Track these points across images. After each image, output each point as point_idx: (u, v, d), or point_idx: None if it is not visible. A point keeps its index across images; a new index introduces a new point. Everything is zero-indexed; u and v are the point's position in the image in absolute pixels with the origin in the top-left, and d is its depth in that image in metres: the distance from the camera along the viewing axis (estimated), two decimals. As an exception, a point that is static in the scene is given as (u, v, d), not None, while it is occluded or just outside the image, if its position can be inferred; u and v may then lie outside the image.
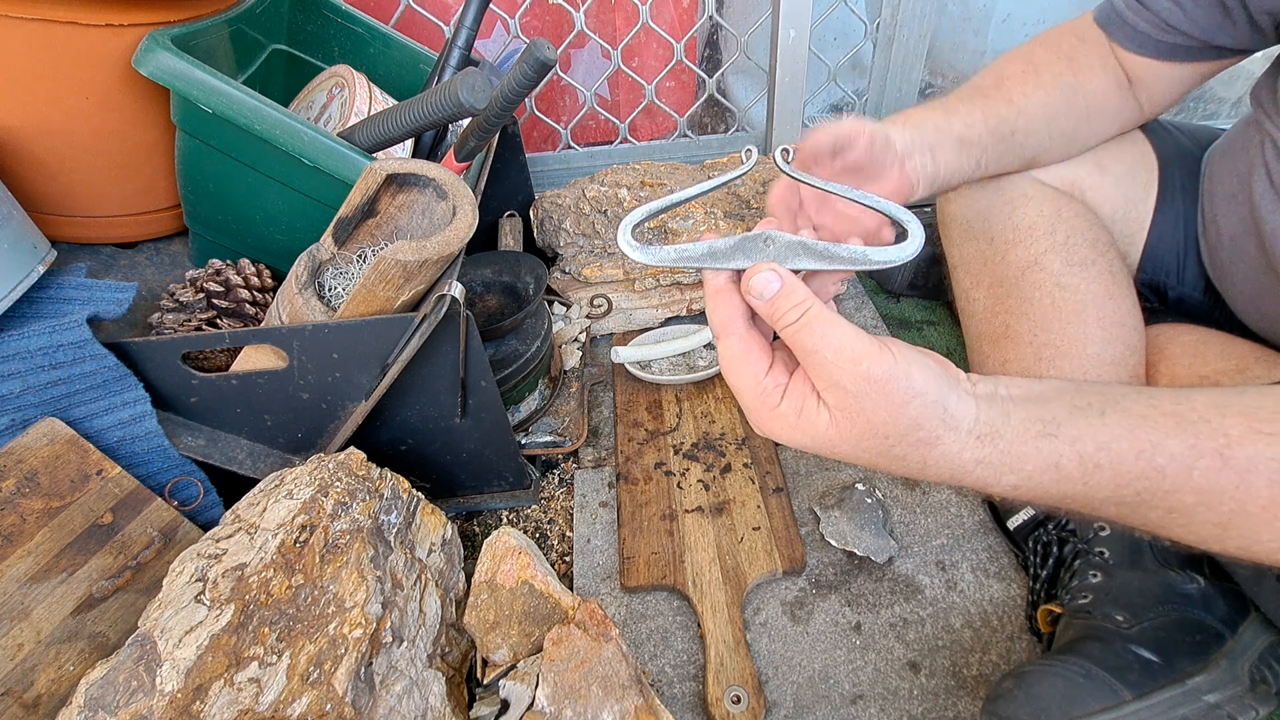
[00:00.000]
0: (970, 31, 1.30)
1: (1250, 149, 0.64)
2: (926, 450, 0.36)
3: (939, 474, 0.37)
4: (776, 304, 0.36)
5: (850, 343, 0.34)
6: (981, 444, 0.36)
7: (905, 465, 0.37)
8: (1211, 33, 0.60)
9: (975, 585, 0.69)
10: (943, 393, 0.35)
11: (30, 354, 0.59)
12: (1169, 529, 0.38)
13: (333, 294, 0.63)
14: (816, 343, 0.34)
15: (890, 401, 0.34)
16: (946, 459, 0.36)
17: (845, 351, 0.34)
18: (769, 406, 0.38)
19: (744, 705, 0.60)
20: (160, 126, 0.70)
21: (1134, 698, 0.51)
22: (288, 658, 0.48)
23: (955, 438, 0.36)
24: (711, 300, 0.39)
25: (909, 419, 0.35)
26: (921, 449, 0.36)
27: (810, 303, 0.35)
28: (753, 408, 0.38)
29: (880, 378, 0.34)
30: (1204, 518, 0.36)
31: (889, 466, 0.37)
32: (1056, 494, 0.37)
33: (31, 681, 0.53)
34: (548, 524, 0.80)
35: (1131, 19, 0.64)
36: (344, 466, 0.60)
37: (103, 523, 0.59)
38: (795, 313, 0.35)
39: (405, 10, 1.08)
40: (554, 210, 1.00)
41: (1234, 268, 0.68)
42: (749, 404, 0.39)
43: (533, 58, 0.62)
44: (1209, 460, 0.35)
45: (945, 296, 1.02)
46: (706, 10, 1.17)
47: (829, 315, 0.35)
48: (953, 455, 0.36)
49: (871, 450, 0.36)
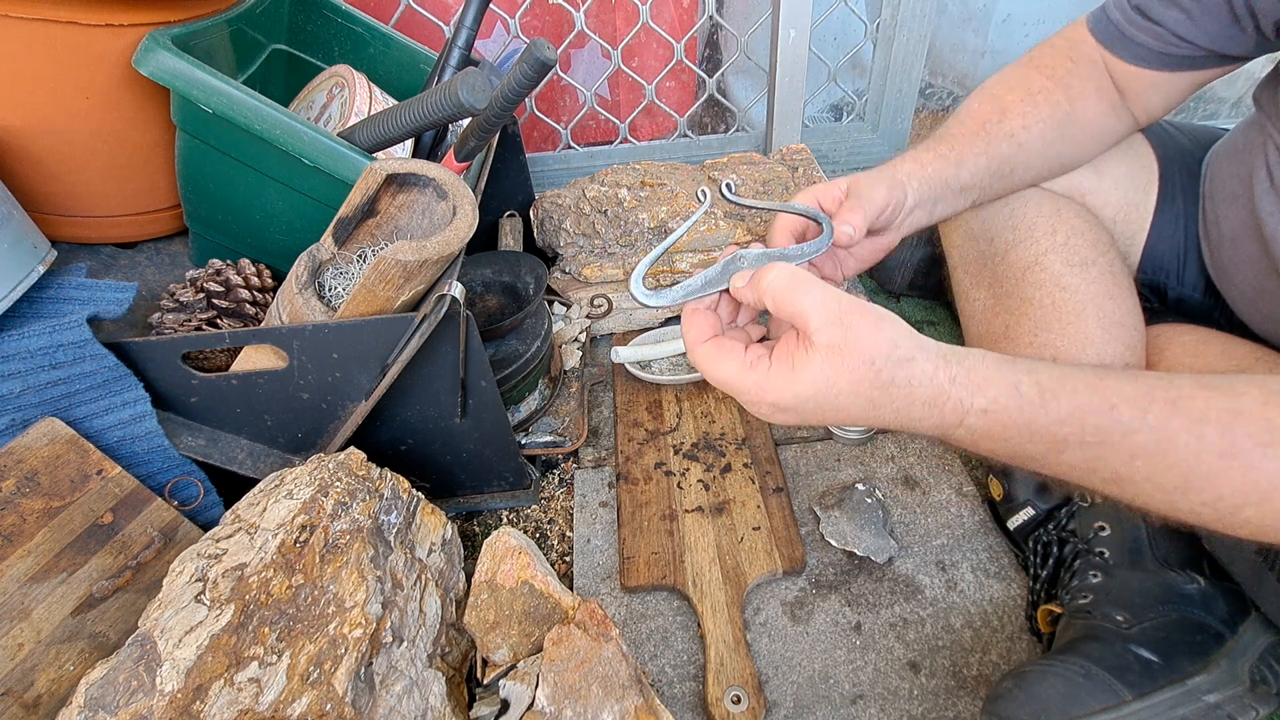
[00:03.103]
0: (970, 31, 1.30)
1: (1252, 151, 0.64)
2: (909, 368, 0.40)
3: (924, 395, 0.41)
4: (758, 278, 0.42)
5: (828, 288, 0.41)
6: (949, 363, 0.41)
7: (894, 393, 0.40)
8: (1221, 42, 0.59)
9: (975, 585, 0.69)
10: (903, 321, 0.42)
11: (30, 354, 0.59)
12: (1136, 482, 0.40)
13: (333, 294, 0.63)
14: (802, 294, 0.40)
15: (868, 322, 0.40)
16: (925, 377, 0.41)
17: (829, 293, 0.40)
18: (760, 374, 0.41)
19: (744, 705, 0.60)
20: (160, 126, 0.70)
21: (1134, 698, 0.51)
22: (288, 658, 0.48)
23: (926, 356, 0.41)
24: (687, 322, 0.45)
25: (887, 338, 0.40)
26: (904, 367, 0.40)
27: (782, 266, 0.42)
28: (746, 386, 0.42)
29: (858, 306, 0.40)
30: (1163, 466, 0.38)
31: (883, 400, 0.41)
32: (1023, 424, 0.40)
33: (31, 681, 0.53)
34: (548, 524, 0.80)
35: (1133, 33, 0.62)
36: (344, 466, 0.60)
37: (103, 523, 0.59)
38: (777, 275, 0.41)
39: (405, 10, 1.08)
40: (554, 210, 1.00)
41: (1235, 269, 0.68)
42: (741, 386, 0.42)
43: (533, 58, 0.62)
44: (1161, 407, 0.38)
45: (945, 296, 1.02)
46: (706, 10, 1.17)
47: (807, 274, 0.41)
48: (929, 373, 0.41)
49: (864, 380, 0.40)
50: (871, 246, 0.63)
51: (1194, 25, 0.59)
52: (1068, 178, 0.73)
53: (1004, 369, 0.41)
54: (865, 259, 0.64)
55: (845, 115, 1.37)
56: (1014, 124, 0.66)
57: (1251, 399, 0.38)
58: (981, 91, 0.69)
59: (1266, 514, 0.38)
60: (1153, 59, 0.63)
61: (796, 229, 0.58)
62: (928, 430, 0.43)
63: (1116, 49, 0.65)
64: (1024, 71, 0.68)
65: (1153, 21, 0.61)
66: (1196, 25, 0.59)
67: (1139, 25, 0.62)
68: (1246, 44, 0.59)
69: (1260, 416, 0.37)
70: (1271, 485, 0.37)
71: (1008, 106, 0.66)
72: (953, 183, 0.64)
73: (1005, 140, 0.66)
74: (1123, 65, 0.65)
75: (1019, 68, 0.69)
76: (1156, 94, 0.66)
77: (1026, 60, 0.70)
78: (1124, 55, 0.64)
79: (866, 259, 0.64)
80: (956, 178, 0.64)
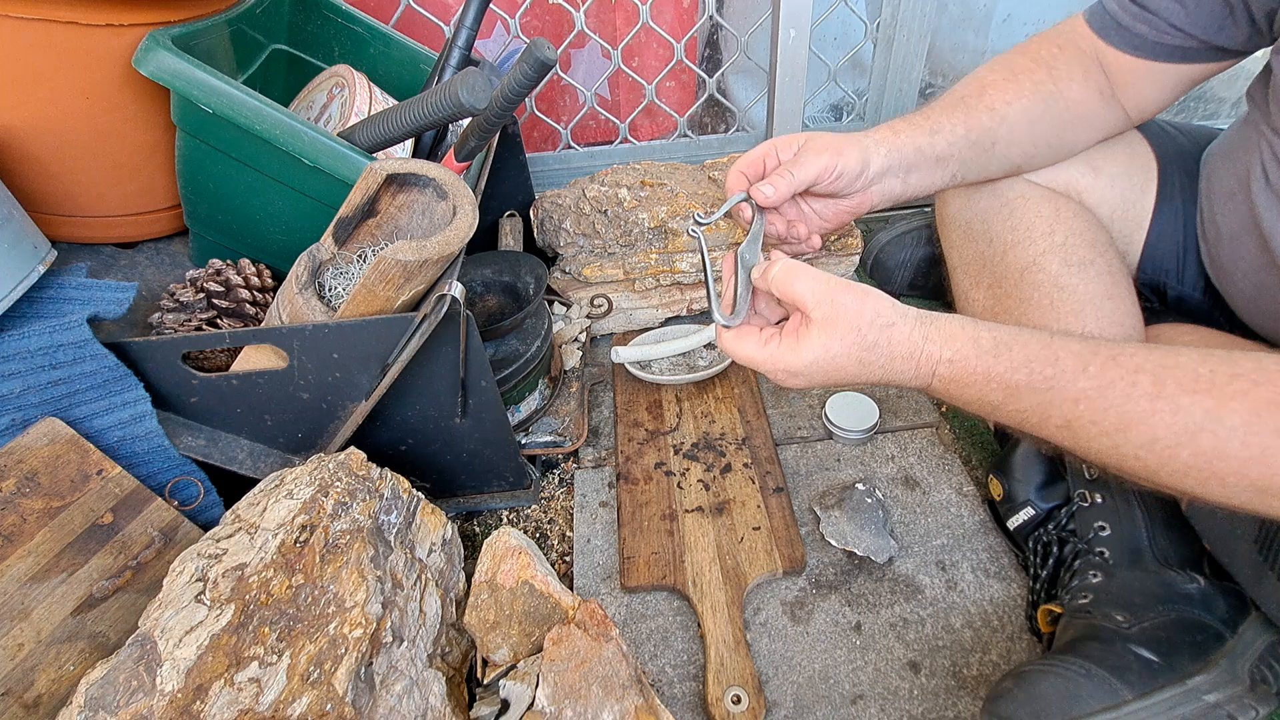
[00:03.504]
0: (970, 31, 1.30)
1: (1248, 148, 0.64)
2: (890, 332, 0.49)
3: (902, 352, 0.50)
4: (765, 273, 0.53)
5: (819, 274, 0.51)
6: (923, 324, 0.50)
7: (878, 352, 0.50)
8: (1212, 33, 0.60)
9: (975, 585, 0.69)
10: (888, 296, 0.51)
11: (30, 354, 0.59)
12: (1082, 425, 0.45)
13: (333, 294, 0.63)
14: (797, 281, 0.51)
15: (854, 296, 0.49)
16: (903, 338, 0.49)
17: (819, 278, 0.50)
18: (773, 348, 0.52)
19: (744, 705, 0.60)
20: (160, 126, 0.70)
21: (1134, 697, 0.51)
22: (288, 657, 0.48)
23: (905, 321, 0.50)
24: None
25: (870, 309, 0.49)
26: (886, 331, 0.49)
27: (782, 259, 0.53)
28: (763, 358, 0.52)
29: (844, 285, 0.50)
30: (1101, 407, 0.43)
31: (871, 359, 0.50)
32: (982, 371, 0.47)
33: (32, 681, 0.53)
34: (548, 524, 0.80)
35: (1128, 22, 0.63)
36: (344, 466, 0.60)
37: (103, 523, 0.59)
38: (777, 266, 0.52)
39: (405, 10, 1.08)
40: (554, 210, 1.00)
41: (1234, 266, 0.68)
42: (761, 360, 0.52)
43: (533, 58, 0.62)
44: (1102, 360, 0.44)
45: (945, 297, 1.02)
46: (706, 10, 1.17)
47: (801, 265, 0.52)
48: (907, 334, 0.49)
49: (854, 344, 0.49)
50: (835, 208, 0.67)
51: (1187, 15, 0.60)
52: (1064, 174, 0.73)
53: (966, 326, 0.49)
54: (831, 219, 0.68)
55: (845, 115, 1.37)
56: (994, 99, 0.66)
57: (1187, 357, 0.43)
58: (967, 76, 0.70)
59: (1200, 456, 0.41)
60: (1147, 48, 0.63)
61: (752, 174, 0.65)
62: (910, 382, 0.51)
63: (1111, 38, 0.65)
64: (1009, 56, 0.69)
65: (1148, 11, 0.62)
66: (1190, 15, 0.60)
67: (1134, 14, 0.63)
68: (1239, 35, 0.59)
69: (1191, 369, 0.42)
70: (1198, 426, 0.41)
71: (989, 84, 0.67)
72: (926, 150, 0.65)
73: (985, 112, 0.66)
74: (1116, 54, 0.65)
75: (1006, 54, 0.70)
76: (1150, 85, 0.66)
77: (1014, 48, 0.70)
78: (1118, 44, 0.65)
79: (832, 219, 0.68)
80: (931, 145, 0.65)
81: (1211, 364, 0.41)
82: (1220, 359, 0.42)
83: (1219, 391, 0.40)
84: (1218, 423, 0.40)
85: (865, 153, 0.62)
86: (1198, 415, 0.40)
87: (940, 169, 0.67)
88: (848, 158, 0.61)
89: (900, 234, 1.06)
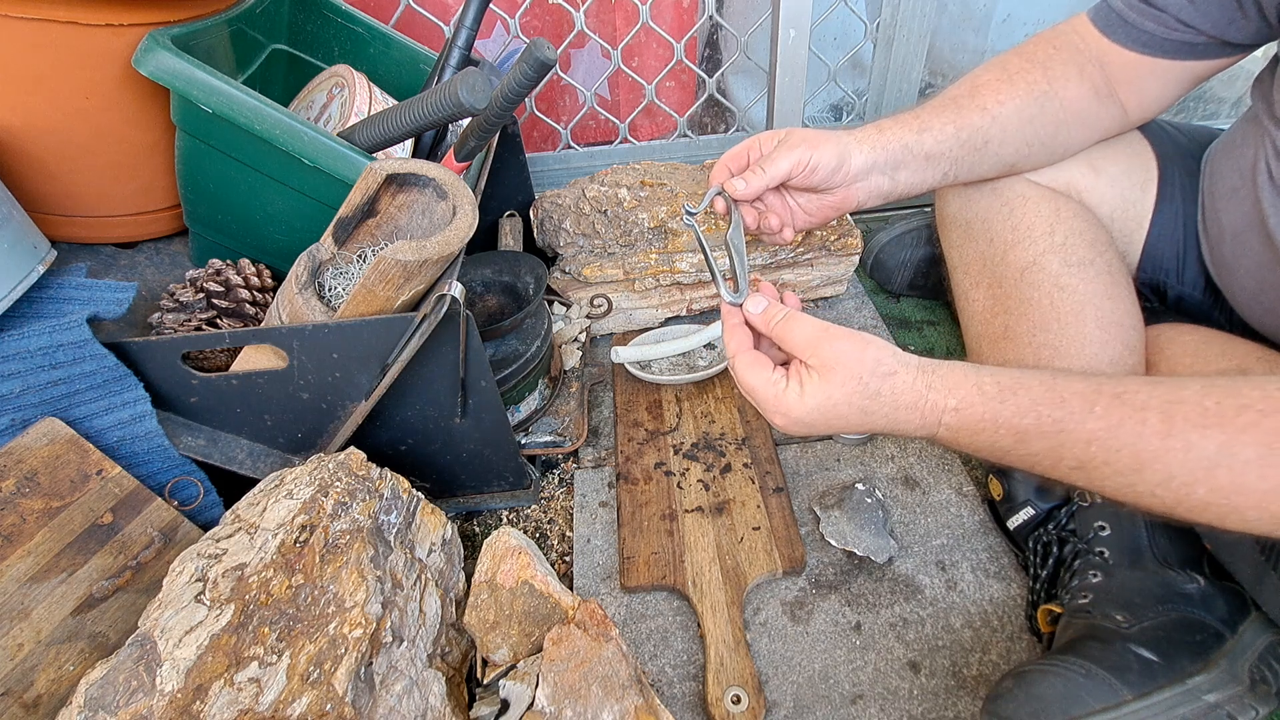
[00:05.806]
0: (970, 31, 1.30)
1: (1251, 145, 0.64)
2: (893, 381, 0.48)
3: (906, 401, 0.48)
4: (766, 313, 0.54)
5: (815, 322, 0.51)
6: (925, 372, 0.49)
7: (881, 401, 0.48)
8: (1222, 27, 0.59)
9: (975, 585, 0.69)
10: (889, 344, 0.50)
11: (30, 354, 0.59)
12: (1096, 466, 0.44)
13: (333, 294, 0.63)
14: (795, 329, 0.51)
15: (853, 345, 0.49)
16: (905, 386, 0.48)
17: (816, 325, 0.51)
18: (779, 391, 0.51)
19: (744, 705, 0.60)
20: (160, 126, 0.70)
21: (1134, 697, 0.51)
22: (288, 657, 0.48)
23: (907, 370, 0.49)
24: (728, 333, 0.56)
25: (871, 358, 0.48)
26: (889, 380, 0.48)
27: (786, 309, 0.53)
28: (767, 398, 0.51)
29: (842, 333, 0.50)
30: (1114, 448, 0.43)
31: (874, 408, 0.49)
32: (990, 418, 0.46)
33: (31, 681, 0.53)
34: (548, 524, 0.80)
35: (1135, 19, 0.63)
36: (344, 466, 0.60)
37: (103, 523, 0.59)
38: (779, 315, 0.53)
39: (405, 10, 1.08)
40: (554, 210, 1.00)
41: (1237, 263, 0.68)
42: (764, 398, 0.51)
43: (533, 58, 0.62)
44: (1108, 400, 0.43)
45: (945, 297, 1.02)
46: (706, 10, 1.17)
47: (800, 314, 0.52)
48: (909, 383, 0.48)
49: (855, 393, 0.48)
50: (820, 203, 0.68)
51: (1196, 10, 0.60)
52: (1064, 173, 0.73)
53: (970, 373, 0.48)
54: (815, 213, 0.69)
55: (845, 115, 1.37)
56: (987, 98, 0.66)
57: (1191, 390, 0.42)
58: (960, 78, 0.70)
59: (1218, 492, 0.40)
60: (1153, 44, 0.63)
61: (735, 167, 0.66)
62: (915, 431, 0.50)
63: (1117, 35, 0.65)
64: (1005, 57, 0.69)
65: (1155, 7, 0.61)
66: (1199, 9, 0.59)
67: (1141, 10, 0.62)
68: (1248, 30, 0.59)
69: (1198, 404, 0.41)
70: (1212, 462, 0.40)
71: (982, 84, 0.67)
72: (914, 148, 0.65)
73: (977, 111, 0.66)
74: (1121, 52, 0.65)
75: (1001, 55, 0.70)
76: (1154, 83, 0.66)
77: (1011, 49, 0.70)
78: (1124, 40, 0.64)
79: (817, 214, 0.69)
80: (919, 143, 0.65)
81: (1216, 395, 0.41)
82: (1224, 389, 0.41)
83: (1228, 424, 0.40)
84: (1232, 457, 0.39)
85: (843, 148, 0.63)
86: (1210, 451, 0.40)
87: (931, 167, 0.67)
88: (822, 152, 0.62)
89: (900, 234, 1.06)
